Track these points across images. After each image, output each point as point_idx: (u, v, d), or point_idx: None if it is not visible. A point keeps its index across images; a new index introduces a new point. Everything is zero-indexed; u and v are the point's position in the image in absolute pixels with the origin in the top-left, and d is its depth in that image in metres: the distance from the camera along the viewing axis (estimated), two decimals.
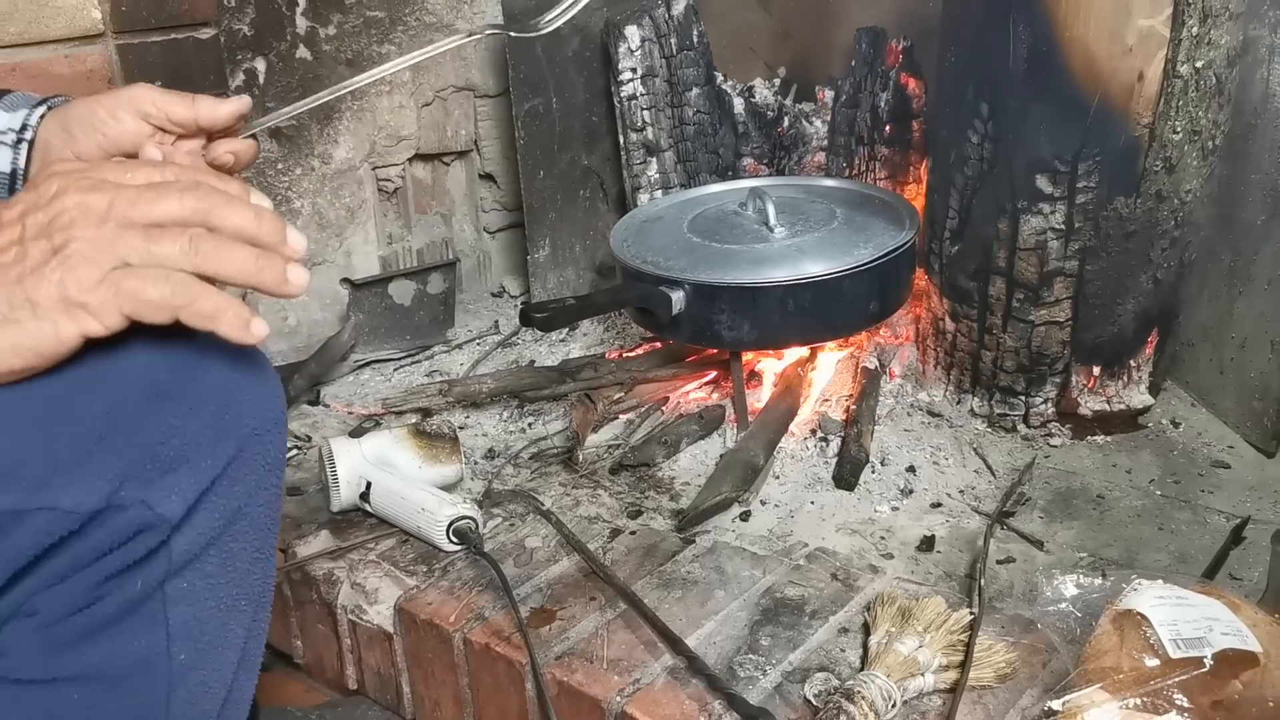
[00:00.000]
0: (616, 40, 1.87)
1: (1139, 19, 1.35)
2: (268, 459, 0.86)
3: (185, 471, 0.79)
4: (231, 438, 0.81)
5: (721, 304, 1.55)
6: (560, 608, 1.30)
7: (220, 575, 0.85)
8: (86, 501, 0.75)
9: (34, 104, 1.05)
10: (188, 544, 0.81)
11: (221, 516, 0.83)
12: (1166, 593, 1.05)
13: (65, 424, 0.75)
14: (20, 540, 0.75)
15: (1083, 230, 1.46)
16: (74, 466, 0.75)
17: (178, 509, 0.79)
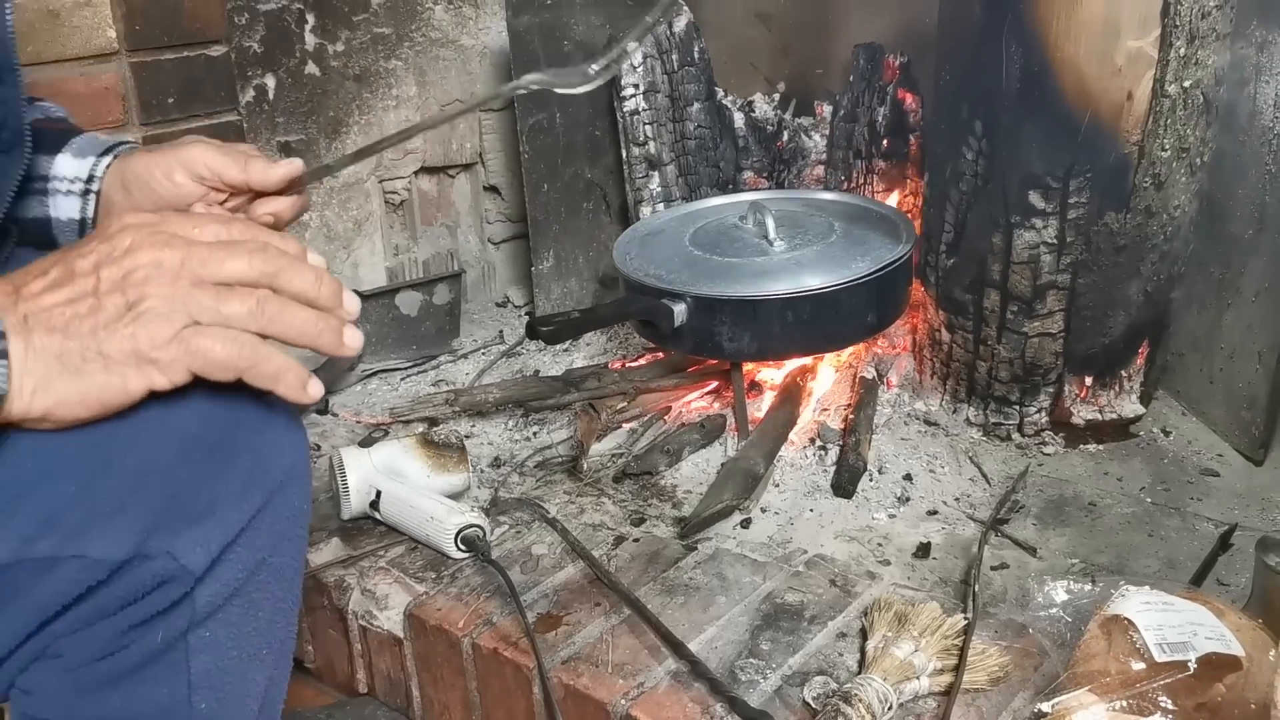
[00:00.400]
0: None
1: (1128, 40, 1.39)
2: (292, 510, 0.87)
3: (212, 524, 0.81)
4: (259, 491, 0.83)
5: (723, 316, 1.58)
6: (566, 613, 1.33)
7: (243, 625, 0.87)
8: (115, 552, 0.77)
9: (100, 150, 1.08)
10: (211, 595, 0.83)
11: (245, 568, 0.84)
12: (1153, 598, 1.08)
13: (101, 475, 0.77)
14: (53, 586, 0.77)
15: (1074, 244, 1.50)
16: (108, 517, 0.77)
17: (202, 561, 0.80)
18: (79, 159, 1.07)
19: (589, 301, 2.15)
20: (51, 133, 1.09)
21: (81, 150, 1.08)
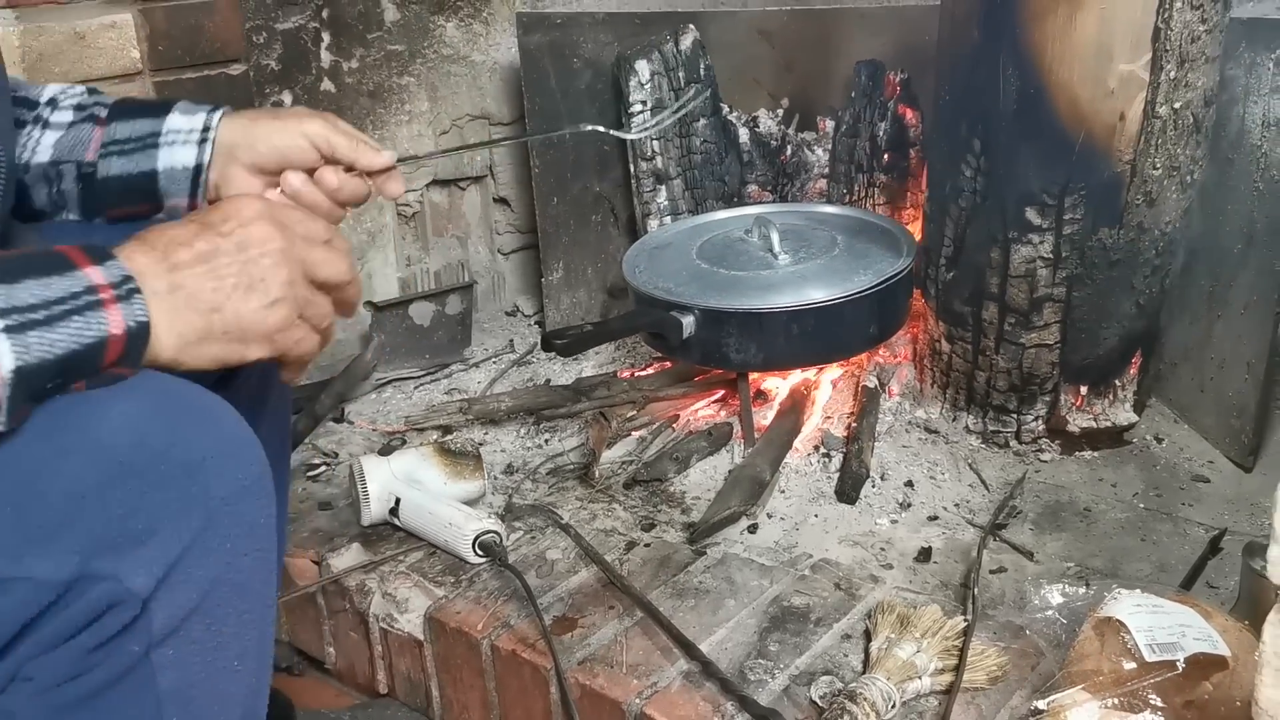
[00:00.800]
0: (627, 74, 1.96)
1: (1120, 64, 1.44)
2: (244, 525, 0.88)
3: (154, 544, 0.83)
4: (198, 509, 0.84)
5: (729, 328, 1.64)
6: (581, 616, 1.39)
7: (207, 641, 0.89)
8: (58, 573, 0.80)
9: (209, 109, 1.16)
10: (167, 616, 0.85)
11: (199, 587, 0.86)
12: (1143, 601, 1.13)
13: (32, 499, 0.80)
14: (6, 606, 0.80)
15: (1070, 259, 1.55)
16: (43, 540, 0.80)
17: (146, 583, 0.83)
18: (188, 115, 1.15)
19: (597, 311, 2.21)
20: (140, 101, 1.19)
21: (188, 109, 1.16)
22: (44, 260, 0.81)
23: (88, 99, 1.18)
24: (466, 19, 2.18)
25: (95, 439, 0.81)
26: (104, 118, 1.16)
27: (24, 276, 0.79)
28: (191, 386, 0.86)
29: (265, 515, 0.90)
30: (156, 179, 1.15)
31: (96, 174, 1.15)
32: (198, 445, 0.84)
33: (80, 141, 1.15)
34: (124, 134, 1.15)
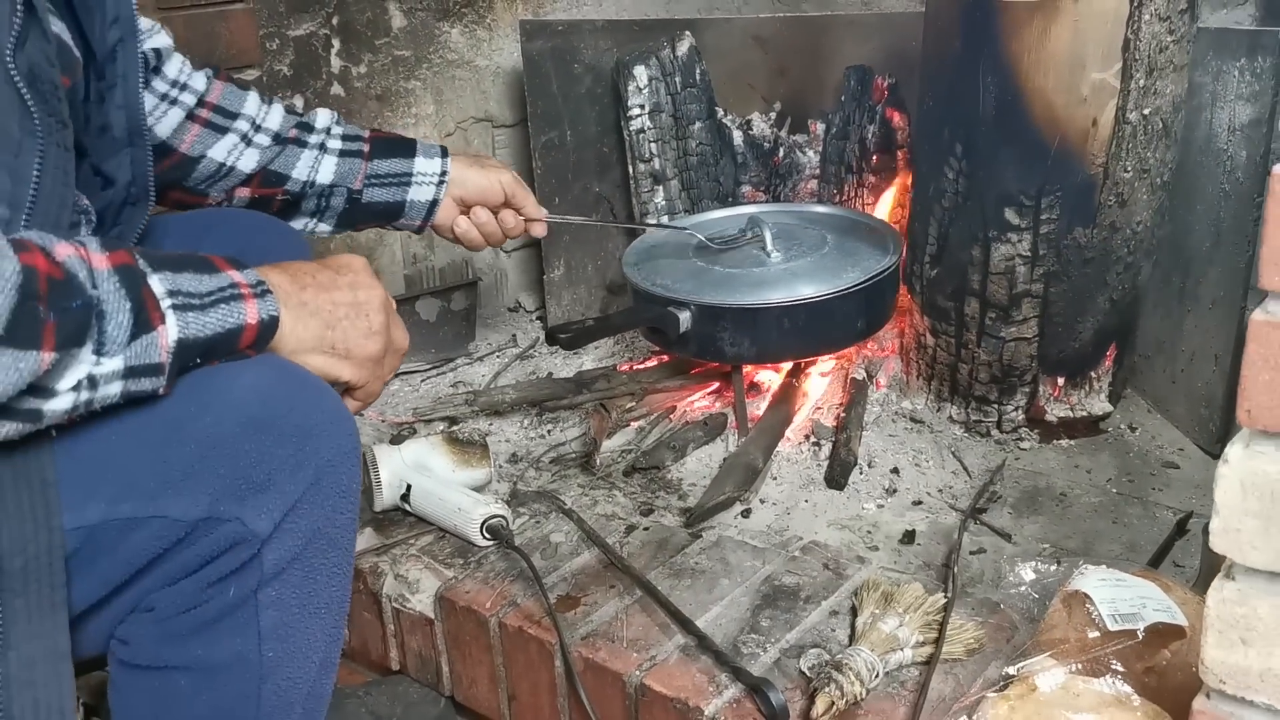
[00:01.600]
0: (626, 79, 2.04)
1: (1092, 73, 1.52)
2: (341, 487, 1.02)
3: (273, 493, 0.96)
4: (310, 466, 0.97)
5: (724, 323, 1.72)
6: (584, 595, 1.46)
7: (304, 586, 1.02)
8: (191, 512, 0.93)
9: (440, 154, 1.54)
10: (276, 557, 0.98)
11: (303, 535, 0.99)
12: (1107, 575, 1.22)
13: (174, 445, 0.93)
14: (138, 543, 0.93)
15: (1046, 257, 1.64)
16: (180, 481, 0.93)
17: (267, 525, 0.96)
18: (429, 159, 1.53)
19: (597, 306, 2.29)
20: (392, 139, 1.54)
21: (427, 153, 1.53)
22: (197, 260, 0.97)
23: (348, 131, 1.51)
24: (471, 25, 2.26)
25: (230, 397, 0.94)
26: (367, 154, 1.50)
27: (184, 269, 0.95)
28: (304, 369, 1.01)
29: (355, 482, 1.04)
30: (404, 208, 1.53)
31: (361, 199, 1.51)
32: (311, 413, 0.98)
33: (351, 172, 1.49)
34: (383, 170, 1.51)
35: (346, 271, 1.10)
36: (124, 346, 0.89)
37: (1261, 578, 0.86)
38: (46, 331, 0.83)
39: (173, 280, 0.93)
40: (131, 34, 1.20)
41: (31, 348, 0.82)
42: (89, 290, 0.87)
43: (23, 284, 0.82)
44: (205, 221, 1.42)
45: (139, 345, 0.90)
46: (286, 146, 1.47)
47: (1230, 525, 0.86)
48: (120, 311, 0.89)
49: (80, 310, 0.86)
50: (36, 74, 0.99)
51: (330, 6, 2.06)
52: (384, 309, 1.10)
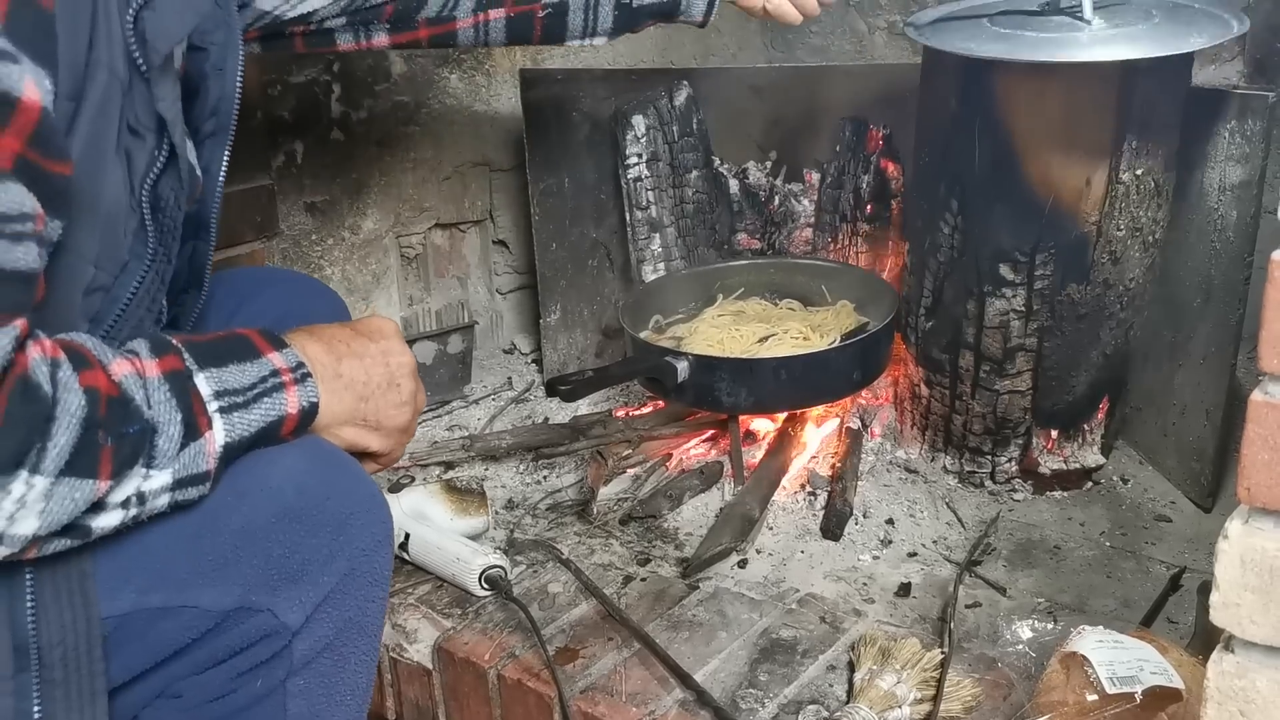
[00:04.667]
0: (624, 128, 2.06)
1: (1085, 133, 1.55)
2: (375, 575, 1.03)
3: (306, 584, 0.96)
4: (344, 557, 0.98)
5: (721, 374, 1.73)
6: (582, 647, 1.47)
7: (332, 675, 1.02)
8: (222, 602, 0.93)
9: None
10: (306, 648, 0.98)
11: (335, 625, 1.00)
12: (1105, 637, 1.23)
13: (207, 535, 0.93)
14: (167, 632, 0.93)
15: (1040, 312, 1.66)
16: (212, 572, 0.93)
17: (298, 618, 0.96)
18: None
19: (593, 350, 2.30)
20: None
21: None
22: (238, 345, 0.97)
23: None
24: (469, 71, 2.28)
25: (266, 486, 0.95)
26: None
27: (228, 360, 0.94)
28: (340, 450, 1.01)
29: (387, 569, 1.04)
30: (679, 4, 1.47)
31: (633, 3, 1.45)
32: (347, 501, 0.99)
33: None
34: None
35: (379, 338, 1.09)
36: (173, 459, 0.89)
37: (1260, 651, 0.87)
38: (104, 458, 0.84)
39: (218, 379, 0.93)
40: (225, 129, 1.15)
41: (90, 476, 0.83)
42: (145, 413, 0.87)
43: (86, 416, 0.82)
44: (254, 281, 1.41)
45: (187, 455, 0.90)
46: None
47: (1230, 600, 0.88)
48: (171, 424, 0.89)
49: (137, 435, 0.86)
50: (162, 204, 1.02)
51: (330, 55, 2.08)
52: (413, 376, 1.11)
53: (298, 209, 2.10)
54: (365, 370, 1.06)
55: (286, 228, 2.09)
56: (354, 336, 1.08)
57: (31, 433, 0.80)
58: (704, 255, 2.17)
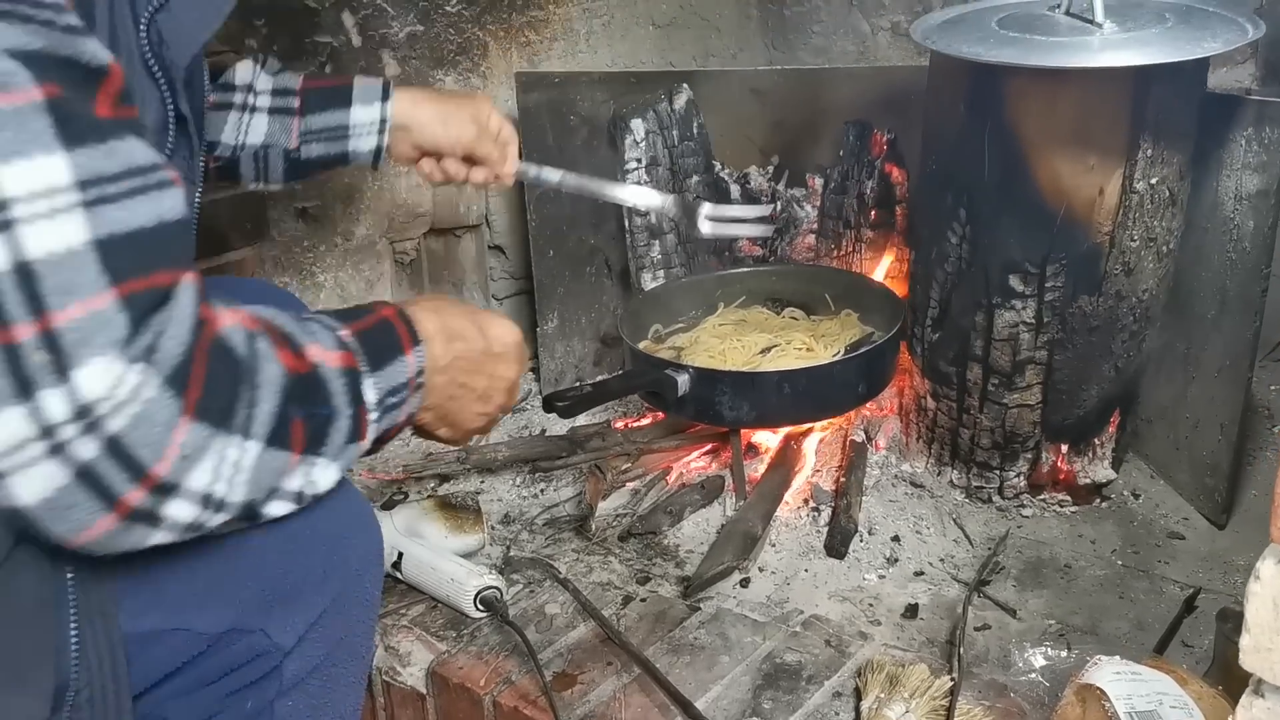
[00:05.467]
0: (623, 133, 2.02)
1: (1098, 141, 1.50)
2: (365, 597, 1.02)
3: (299, 605, 0.95)
4: (337, 578, 0.97)
5: (723, 387, 1.69)
6: (580, 672, 1.43)
7: (320, 696, 1.00)
8: (215, 625, 0.91)
9: (380, 97, 1.45)
10: (296, 669, 0.97)
11: (326, 646, 0.98)
12: (1123, 668, 1.19)
13: (200, 556, 0.90)
14: (158, 656, 0.91)
15: (1051, 324, 1.62)
16: (205, 594, 0.91)
17: (290, 639, 0.95)
18: (367, 106, 1.44)
19: (591, 359, 2.26)
20: (325, 90, 1.44)
21: (364, 98, 1.44)
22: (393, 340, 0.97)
23: (278, 84, 1.42)
24: (465, 72, 2.23)
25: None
26: (299, 108, 1.42)
27: (385, 363, 0.95)
28: None
29: (378, 590, 1.04)
30: (348, 157, 1.46)
31: (300, 156, 1.44)
32: (340, 519, 0.96)
33: (284, 130, 1.41)
34: (318, 125, 1.43)
35: (500, 346, 1.11)
36: (339, 454, 0.91)
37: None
38: (297, 433, 0.86)
39: (378, 385, 0.93)
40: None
41: (286, 449, 0.85)
42: (332, 400, 0.89)
43: (284, 387, 0.84)
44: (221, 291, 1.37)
45: (347, 454, 0.92)
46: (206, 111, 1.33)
47: (1261, 644, 0.84)
48: (345, 418, 0.90)
49: (324, 418, 0.88)
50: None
51: (324, 55, 2.03)
52: (509, 392, 1.14)
53: (289, 215, 2.06)
54: (468, 377, 1.06)
55: (277, 234, 2.04)
56: (479, 339, 1.08)
57: (237, 395, 0.81)
58: (704, 262, 2.13)
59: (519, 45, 2.28)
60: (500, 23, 2.24)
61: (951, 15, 1.64)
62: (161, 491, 0.77)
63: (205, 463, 0.79)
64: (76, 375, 0.71)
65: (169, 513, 0.78)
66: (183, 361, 0.77)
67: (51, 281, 0.70)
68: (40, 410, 0.71)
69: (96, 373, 0.72)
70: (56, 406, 0.71)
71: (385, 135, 1.46)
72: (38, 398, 0.71)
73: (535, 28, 2.28)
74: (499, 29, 2.24)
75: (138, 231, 0.74)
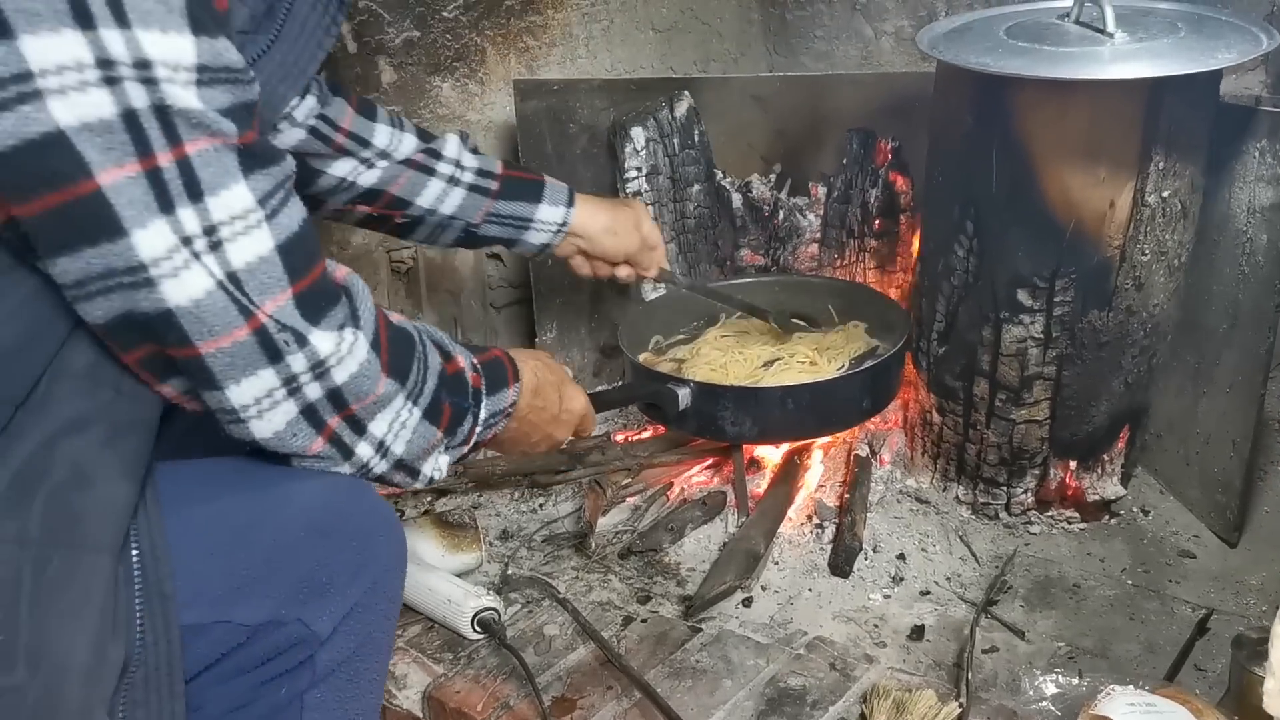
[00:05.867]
0: (623, 140, 1.98)
1: (1109, 153, 1.47)
2: (392, 594, 1.06)
3: (334, 596, 0.99)
4: (369, 572, 1.02)
5: (725, 402, 1.66)
6: (580, 696, 1.40)
7: (347, 692, 1.04)
8: (255, 617, 0.95)
9: (566, 203, 1.61)
10: (328, 660, 1.00)
11: (356, 639, 1.02)
12: (1136, 699, 1.16)
13: (240, 550, 0.95)
14: (200, 649, 0.94)
15: (1060, 340, 1.58)
16: (245, 587, 0.95)
17: (326, 627, 0.99)
18: (554, 207, 1.60)
19: (590, 370, 2.22)
20: (521, 182, 1.59)
21: (553, 199, 1.60)
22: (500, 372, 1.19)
23: (482, 166, 1.57)
24: (462, 79, 2.20)
25: (295, 502, 0.98)
26: (496, 192, 1.56)
27: (497, 388, 1.17)
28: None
29: (401, 590, 1.09)
30: (518, 244, 1.63)
31: (479, 232, 1.59)
32: (370, 519, 1.03)
33: (475, 207, 1.56)
34: (505, 211, 1.58)
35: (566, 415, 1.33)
36: (457, 448, 1.12)
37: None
38: (445, 414, 1.06)
39: (491, 405, 1.15)
40: None
41: (436, 425, 1.05)
42: (469, 398, 1.11)
43: (440, 373, 1.06)
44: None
45: (456, 454, 1.13)
46: (409, 170, 1.52)
47: None
48: (470, 418, 1.11)
49: (464, 410, 1.10)
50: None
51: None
52: (557, 444, 1.36)
53: None
54: (531, 429, 1.27)
55: None
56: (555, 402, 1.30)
57: (413, 363, 1.02)
58: (706, 273, 2.09)
59: (517, 51, 2.25)
60: (498, 28, 2.20)
61: (958, 24, 1.61)
62: (355, 426, 0.97)
63: (386, 414, 0.99)
64: (313, 339, 0.91)
65: (356, 446, 0.99)
66: (375, 328, 0.98)
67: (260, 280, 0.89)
68: (288, 367, 0.91)
69: (327, 336, 0.93)
70: (299, 364, 0.91)
71: (560, 236, 1.62)
72: (286, 360, 0.90)
73: (534, 33, 2.25)
74: (497, 34, 2.21)
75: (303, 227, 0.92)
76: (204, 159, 0.83)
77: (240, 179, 0.85)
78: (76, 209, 0.80)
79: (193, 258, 0.84)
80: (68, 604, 0.84)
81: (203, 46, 0.81)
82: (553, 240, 1.62)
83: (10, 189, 0.79)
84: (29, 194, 0.79)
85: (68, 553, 0.85)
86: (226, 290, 0.86)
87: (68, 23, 0.76)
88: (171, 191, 0.82)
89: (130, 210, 0.80)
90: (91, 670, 0.85)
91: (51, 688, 0.82)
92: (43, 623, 0.82)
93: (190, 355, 0.87)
